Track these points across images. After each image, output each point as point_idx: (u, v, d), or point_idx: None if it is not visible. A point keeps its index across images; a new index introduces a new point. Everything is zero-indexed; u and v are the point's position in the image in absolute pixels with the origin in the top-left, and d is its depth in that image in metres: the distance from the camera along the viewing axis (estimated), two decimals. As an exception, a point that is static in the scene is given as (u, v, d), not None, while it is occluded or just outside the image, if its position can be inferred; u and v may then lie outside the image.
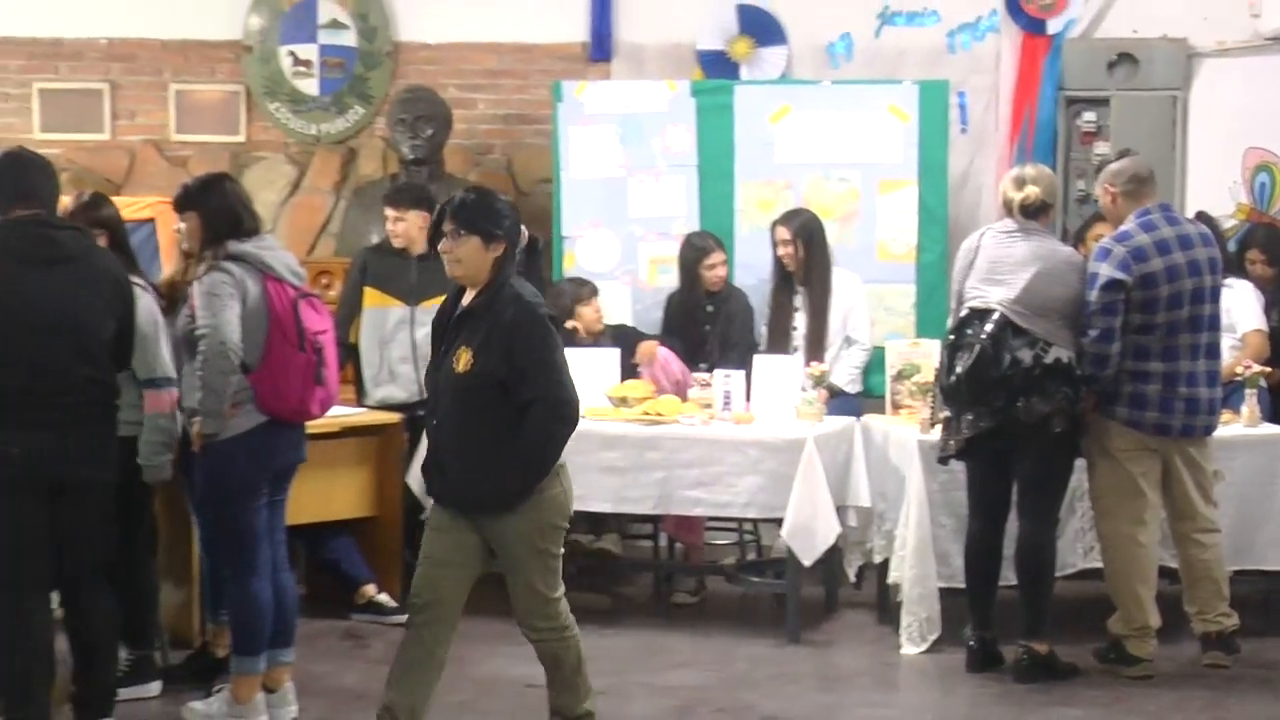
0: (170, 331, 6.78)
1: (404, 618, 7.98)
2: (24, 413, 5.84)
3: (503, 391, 5.57)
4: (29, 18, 10.41)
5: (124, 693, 6.76)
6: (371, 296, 8.67)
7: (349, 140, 10.42)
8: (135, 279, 6.69)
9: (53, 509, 6.03)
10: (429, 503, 8.05)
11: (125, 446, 6.63)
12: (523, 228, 5.78)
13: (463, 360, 5.55)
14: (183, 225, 6.56)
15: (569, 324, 8.67)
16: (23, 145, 6.72)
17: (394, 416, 8.29)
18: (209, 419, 6.25)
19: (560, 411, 5.67)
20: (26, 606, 6.01)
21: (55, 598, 6.32)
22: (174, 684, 6.99)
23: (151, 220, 8.61)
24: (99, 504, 6.29)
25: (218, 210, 6.44)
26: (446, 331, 5.73)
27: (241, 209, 6.49)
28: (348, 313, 8.66)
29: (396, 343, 8.59)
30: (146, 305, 6.68)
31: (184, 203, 6.54)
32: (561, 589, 5.94)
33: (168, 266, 7.30)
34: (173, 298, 6.85)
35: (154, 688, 6.95)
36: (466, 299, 5.70)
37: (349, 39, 10.30)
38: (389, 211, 8.62)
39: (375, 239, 9.01)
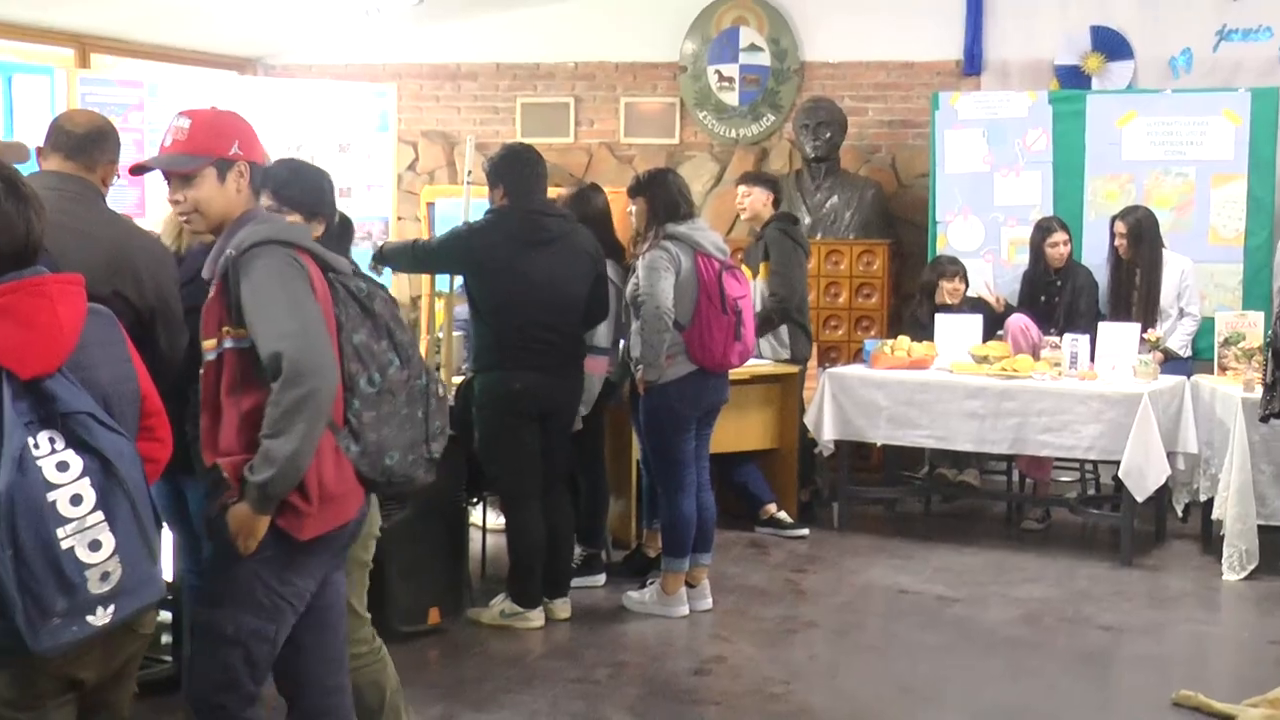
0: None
1: (801, 532, 8.10)
2: (522, 358, 6.23)
3: None
4: (515, 47, 10.73)
5: (577, 581, 6.97)
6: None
7: (762, 142, 10.42)
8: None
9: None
10: (823, 439, 8.11)
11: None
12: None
13: None
14: (634, 208, 6.70)
15: (937, 296, 8.59)
16: (524, 143, 6.93)
17: (794, 368, 8.27)
18: (649, 368, 6.40)
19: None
20: (527, 508, 6.42)
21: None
22: (615, 577, 7.19)
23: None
24: (568, 429, 6.56)
25: (661, 197, 6.56)
26: None
27: (680, 197, 6.59)
28: None
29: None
30: None
31: (636, 190, 6.70)
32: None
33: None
34: (624, 268, 7.00)
35: (600, 579, 7.15)
36: None
37: (764, 59, 10.31)
38: (740, 189, 8.53)
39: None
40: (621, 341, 6.98)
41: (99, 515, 2.96)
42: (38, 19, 9.01)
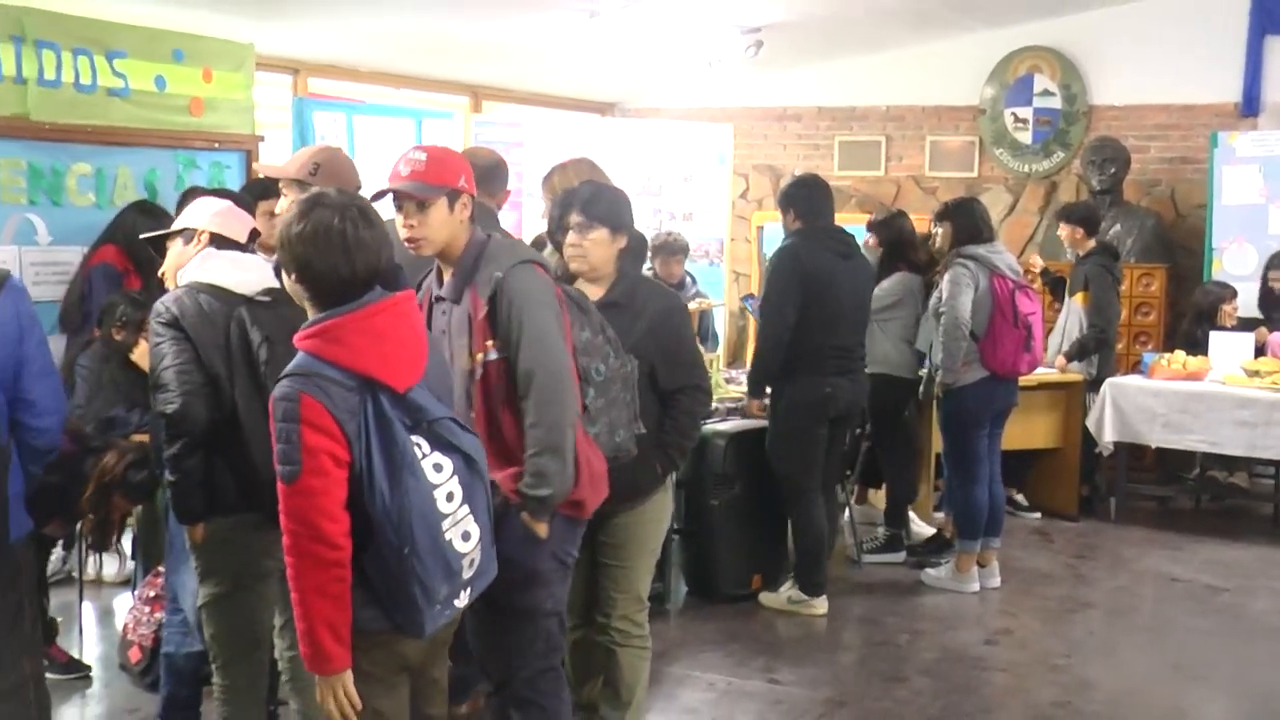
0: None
1: (1033, 515, 7.92)
2: (832, 363, 6.05)
3: (649, 380, 4.10)
4: (834, 92, 10.69)
5: (880, 558, 6.93)
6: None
7: (1052, 176, 10.11)
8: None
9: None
10: (1103, 440, 7.78)
11: (890, 385, 6.80)
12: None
13: None
14: (939, 230, 6.58)
15: (1219, 317, 8.16)
16: (813, 174, 6.83)
17: (1078, 376, 7.97)
18: (946, 372, 6.28)
19: (705, 399, 4.36)
20: (816, 502, 6.17)
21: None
22: (914, 555, 7.06)
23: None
24: (848, 434, 6.41)
25: (965, 222, 6.43)
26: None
27: (981, 223, 6.47)
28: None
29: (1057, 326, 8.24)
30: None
31: (943, 215, 6.59)
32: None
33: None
34: (928, 284, 6.89)
35: (900, 556, 7.04)
36: (594, 291, 4.08)
37: (1055, 103, 9.99)
38: (1061, 223, 8.30)
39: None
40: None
41: (466, 509, 2.90)
42: (441, 73, 9.43)
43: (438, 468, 2.86)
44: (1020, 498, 8.04)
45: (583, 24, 8.22)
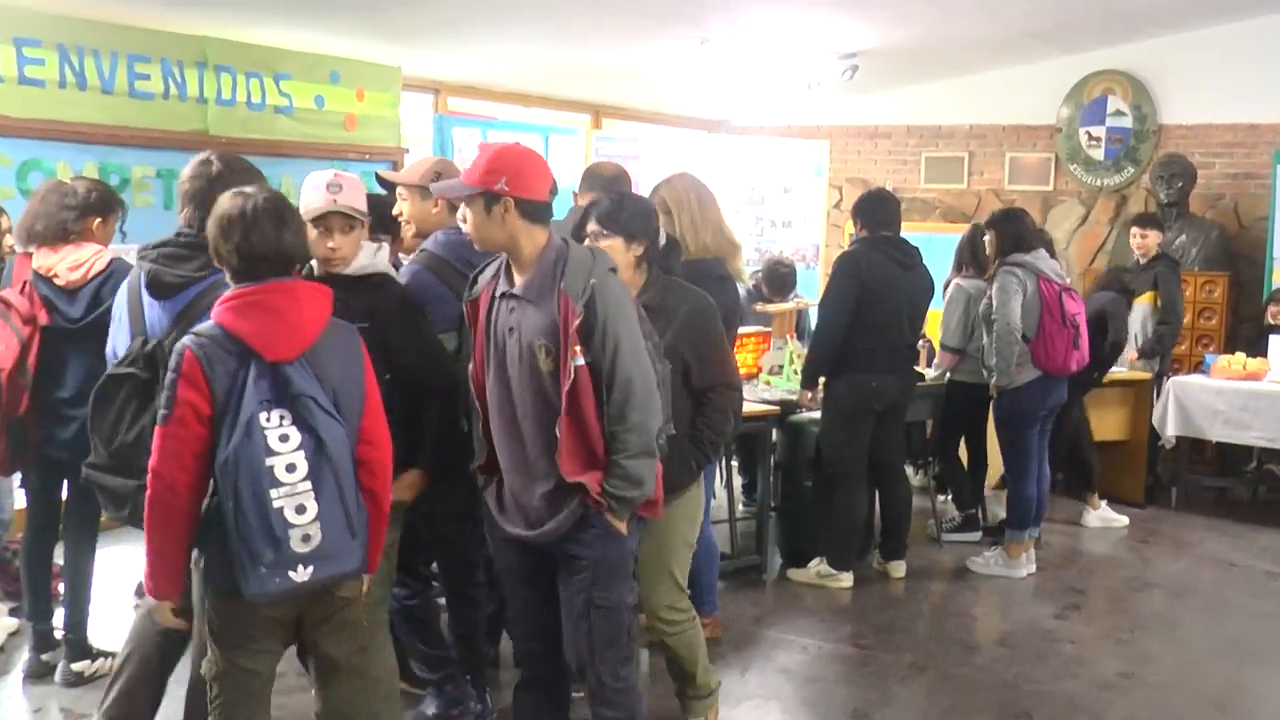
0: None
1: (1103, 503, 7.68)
2: (880, 361, 5.96)
3: (683, 378, 3.88)
4: (922, 112, 10.58)
5: (957, 537, 6.88)
6: None
7: (1122, 190, 9.94)
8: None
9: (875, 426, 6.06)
10: (1166, 434, 7.65)
11: (967, 391, 6.73)
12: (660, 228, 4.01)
13: None
14: (987, 238, 6.51)
15: (1267, 318, 8.00)
16: (882, 187, 6.77)
17: (1146, 374, 7.85)
18: (1001, 375, 6.17)
19: (736, 396, 4.08)
20: (857, 488, 6.10)
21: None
22: (989, 535, 6.98)
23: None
24: (902, 424, 6.31)
25: (1010, 231, 6.33)
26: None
27: (1026, 232, 6.33)
28: None
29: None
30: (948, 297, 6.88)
31: (990, 224, 6.52)
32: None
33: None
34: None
35: (977, 535, 6.99)
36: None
37: (1127, 122, 9.82)
38: (1134, 229, 8.10)
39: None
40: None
41: (307, 485, 2.83)
42: (567, 93, 9.52)
43: (284, 438, 2.84)
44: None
45: (694, 50, 8.27)
